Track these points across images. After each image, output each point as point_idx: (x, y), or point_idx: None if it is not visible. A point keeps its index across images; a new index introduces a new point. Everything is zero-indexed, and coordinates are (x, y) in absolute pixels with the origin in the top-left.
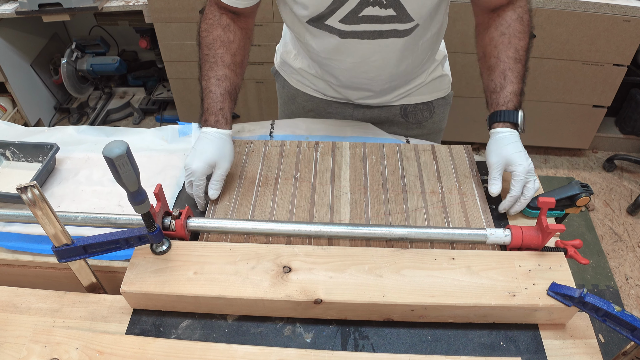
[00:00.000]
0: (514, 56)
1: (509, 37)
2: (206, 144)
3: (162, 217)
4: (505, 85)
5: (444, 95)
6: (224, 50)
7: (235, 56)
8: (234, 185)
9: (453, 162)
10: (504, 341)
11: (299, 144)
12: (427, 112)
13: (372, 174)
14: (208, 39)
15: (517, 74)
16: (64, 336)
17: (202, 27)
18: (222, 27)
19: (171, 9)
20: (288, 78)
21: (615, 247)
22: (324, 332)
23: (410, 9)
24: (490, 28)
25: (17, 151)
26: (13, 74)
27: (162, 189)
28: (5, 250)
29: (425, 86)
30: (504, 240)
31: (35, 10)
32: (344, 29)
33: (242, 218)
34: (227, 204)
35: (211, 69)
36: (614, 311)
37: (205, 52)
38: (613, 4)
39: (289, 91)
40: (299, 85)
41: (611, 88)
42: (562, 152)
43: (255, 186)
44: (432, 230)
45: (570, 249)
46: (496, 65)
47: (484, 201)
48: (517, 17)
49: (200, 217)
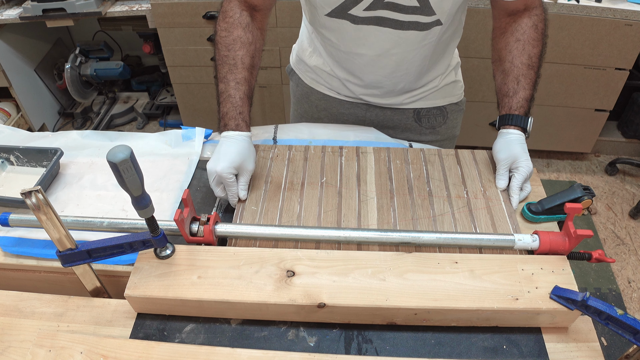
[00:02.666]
0: (527, 62)
1: (523, 43)
2: (229, 146)
3: (190, 222)
4: (518, 90)
5: (457, 101)
6: (244, 52)
7: (254, 58)
8: (260, 190)
9: (477, 166)
10: (507, 345)
11: (323, 148)
12: (441, 118)
13: (398, 179)
14: (228, 40)
15: (529, 80)
16: (68, 340)
17: (221, 25)
18: (243, 27)
19: (175, 14)
20: (303, 76)
21: (618, 251)
22: (327, 336)
23: (434, 2)
24: (507, 33)
25: (22, 156)
26: (17, 79)
27: (189, 194)
28: (9, 254)
29: (438, 91)
30: (532, 246)
31: (39, 15)
32: (366, 15)
33: (270, 223)
34: (254, 208)
35: (230, 71)
36: (616, 314)
37: (224, 53)
38: (615, 8)
39: (302, 89)
40: (313, 84)
41: (613, 92)
42: (564, 156)
43: (282, 191)
44: (460, 236)
45: (595, 254)
46: (510, 70)
47: (509, 206)
48: (532, 24)
49: (228, 223)
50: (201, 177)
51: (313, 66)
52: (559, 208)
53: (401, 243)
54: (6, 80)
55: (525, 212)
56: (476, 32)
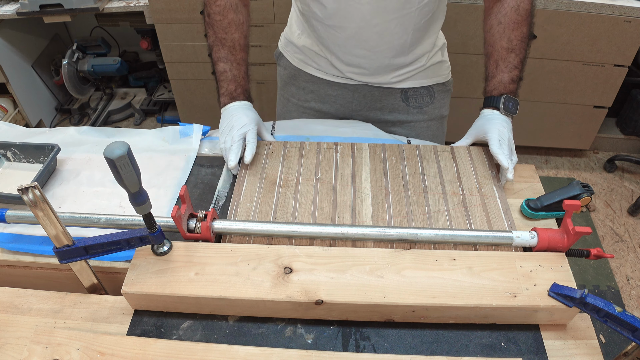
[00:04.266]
0: (506, 46)
1: (504, 26)
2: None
3: (187, 219)
4: (495, 74)
5: (444, 81)
6: (239, 34)
7: (246, 38)
8: (255, 186)
9: (472, 163)
10: (505, 342)
11: (319, 144)
12: (428, 97)
13: (393, 175)
14: (224, 23)
15: (507, 63)
16: (65, 337)
17: (213, 9)
18: (234, 9)
19: (172, 10)
20: (290, 58)
21: (616, 248)
22: (325, 332)
23: None
24: (491, 15)
25: (18, 152)
26: (14, 74)
27: (187, 191)
28: (6, 251)
29: (425, 71)
30: (530, 243)
31: (37, 11)
32: None
33: (264, 219)
34: (249, 204)
35: (231, 52)
36: (615, 312)
37: (221, 35)
38: (614, 5)
39: (290, 72)
40: (301, 65)
41: (612, 89)
42: (563, 153)
43: (277, 187)
44: (458, 233)
45: (593, 250)
46: (491, 54)
47: (505, 203)
48: (514, 5)
49: (225, 220)
50: (199, 174)
51: (301, 46)
52: (558, 205)
53: (399, 240)
54: (3, 76)
55: (523, 208)
56: (474, 29)
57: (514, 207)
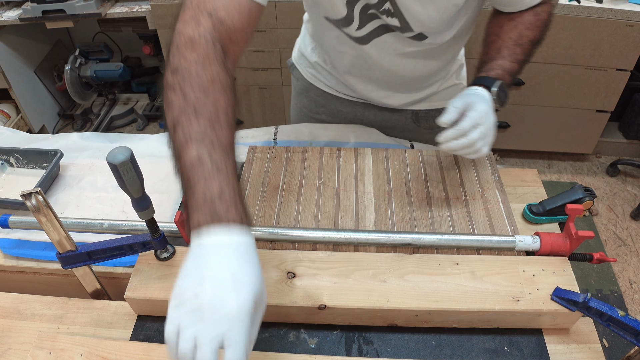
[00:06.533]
0: (515, 39)
1: (517, 23)
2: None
3: None
4: (496, 58)
5: None
6: (225, 100)
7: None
8: (258, 191)
9: (475, 168)
10: (508, 346)
11: (321, 149)
12: None
13: (396, 180)
14: (203, 78)
15: (512, 53)
16: (68, 342)
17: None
18: (219, 63)
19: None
20: (303, 71)
21: (619, 252)
22: (328, 337)
23: (414, 24)
24: (504, 14)
25: (21, 158)
26: (17, 80)
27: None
28: (9, 256)
29: (437, 95)
30: (533, 247)
31: (39, 16)
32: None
33: (267, 225)
34: (252, 209)
35: (212, 127)
36: (617, 316)
37: (198, 96)
38: (616, 9)
39: (302, 84)
40: (312, 80)
41: (614, 93)
42: (565, 157)
43: (279, 192)
44: (461, 237)
45: (596, 255)
46: (494, 42)
47: (507, 207)
48: (533, 12)
49: None
50: None
51: (314, 62)
52: (560, 209)
53: (402, 244)
54: (6, 82)
55: (526, 213)
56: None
57: (516, 212)
